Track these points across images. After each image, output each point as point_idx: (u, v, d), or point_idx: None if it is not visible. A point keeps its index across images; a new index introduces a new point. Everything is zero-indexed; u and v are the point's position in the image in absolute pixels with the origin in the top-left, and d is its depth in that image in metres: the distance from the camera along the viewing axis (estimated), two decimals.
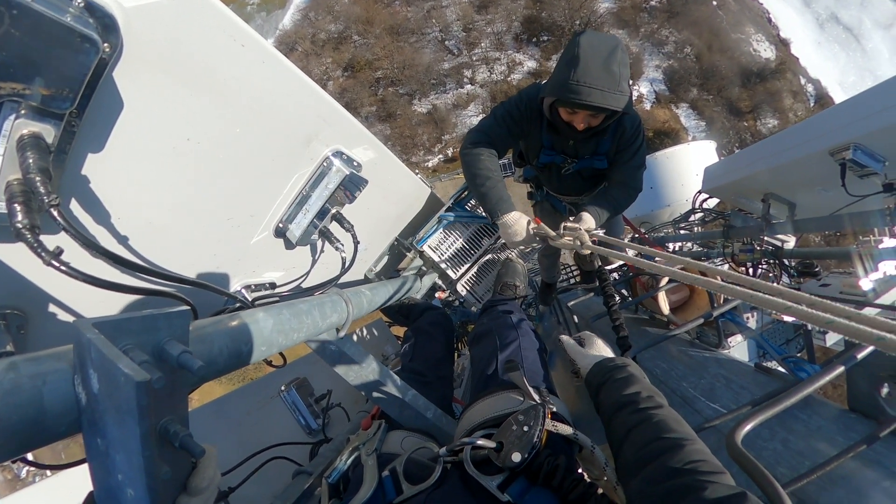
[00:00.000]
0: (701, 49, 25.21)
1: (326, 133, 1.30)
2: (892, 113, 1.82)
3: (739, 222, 3.21)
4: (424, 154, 25.03)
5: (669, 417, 0.84)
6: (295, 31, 30.15)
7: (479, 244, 2.25)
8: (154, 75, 0.82)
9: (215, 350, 0.77)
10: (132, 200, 0.95)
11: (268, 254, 1.46)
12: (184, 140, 0.96)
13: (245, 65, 0.96)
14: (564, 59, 1.60)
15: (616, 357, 1.11)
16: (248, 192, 1.24)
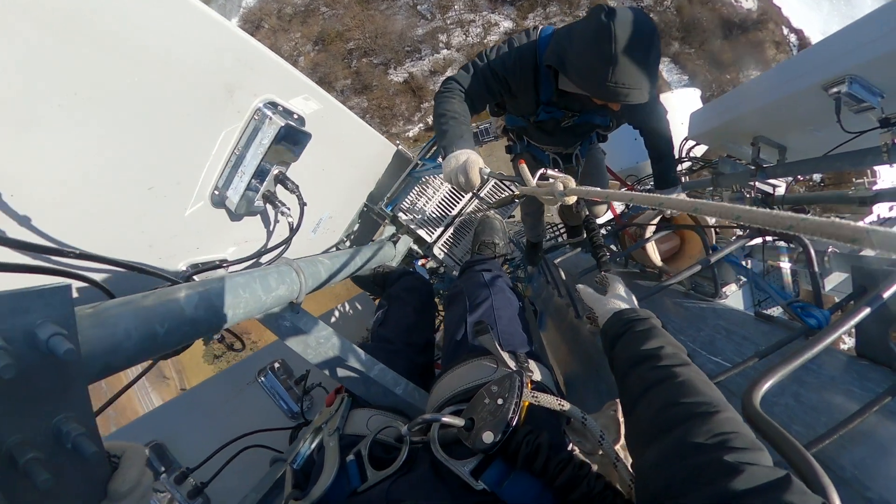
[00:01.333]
0: (681, 2, 24.68)
1: (253, 81, 1.13)
2: (890, 39, 1.69)
3: (728, 169, 3.10)
4: (404, 124, 24.56)
5: (696, 378, 0.72)
6: (260, 8, 28.77)
7: (455, 202, 2.09)
8: (20, 21, 0.70)
9: (120, 333, 0.68)
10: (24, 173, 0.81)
11: (210, 227, 1.30)
12: (71, 95, 0.81)
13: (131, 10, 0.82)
14: (597, 53, 1.43)
15: (638, 308, 0.99)
16: (166, 155, 1.07)
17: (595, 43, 1.44)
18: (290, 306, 1.13)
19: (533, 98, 1.90)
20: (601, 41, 1.41)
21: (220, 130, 1.14)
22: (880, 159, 1.96)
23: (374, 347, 1.35)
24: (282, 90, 1.22)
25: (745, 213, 0.55)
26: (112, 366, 0.67)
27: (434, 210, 2.10)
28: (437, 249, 2.12)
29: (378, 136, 1.87)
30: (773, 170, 2.69)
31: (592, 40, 1.46)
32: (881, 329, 1.12)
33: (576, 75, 1.59)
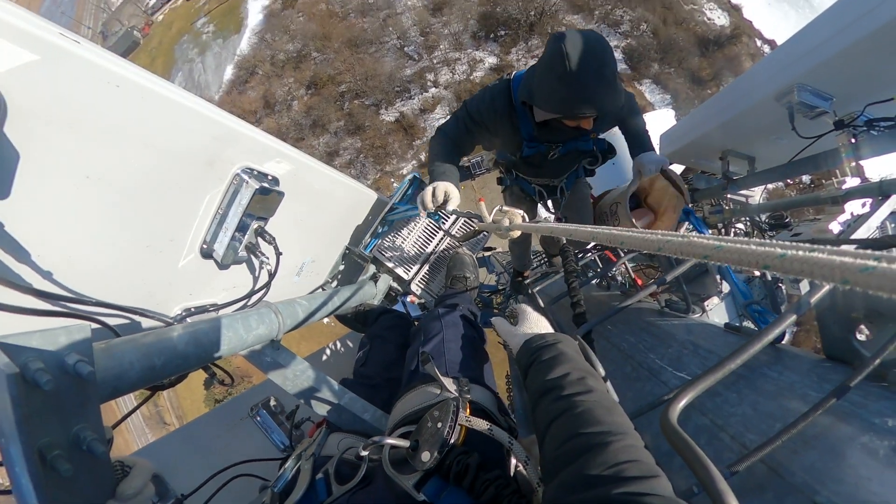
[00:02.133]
0: (656, 24, 25.49)
1: (229, 152, 1.32)
2: (829, 45, 1.78)
3: (703, 184, 3.19)
4: (398, 161, 24.97)
5: (598, 405, 0.73)
6: (253, 55, 29.96)
7: (429, 241, 2.19)
8: (41, 125, 0.91)
9: (125, 364, 0.84)
10: (48, 239, 1.02)
11: (200, 276, 1.45)
12: (83, 178, 1.02)
13: (124, 103, 1.03)
14: (554, 73, 1.54)
15: (547, 333, 1.01)
16: (161, 218, 1.26)
17: (551, 65, 1.55)
18: (271, 343, 1.26)
19: (514, 136, 2.01)
20: (556, 62, 1.52)
21: (205, 195, 1.33)
22: (840, 160, 2.03)
23: (353, 382, 1.44)
24: (256, 157, 1.41)
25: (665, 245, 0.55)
26: (119, 390, 0.84)
27: (411, 249, 2.20)
28: (415, 286, 2.21)
29: (355, 185, 2.03)
30: (743, 181, 2.77)
31: (549, 63, 1.57)
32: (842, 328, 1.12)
33: (542, 100, 1.69)
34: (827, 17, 1.84)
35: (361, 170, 24.77)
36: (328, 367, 3.06)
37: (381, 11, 29.31)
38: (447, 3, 28.12)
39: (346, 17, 30.15)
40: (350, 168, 24.84)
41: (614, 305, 2.36)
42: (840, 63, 1.80)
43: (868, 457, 0.80)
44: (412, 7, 28.92)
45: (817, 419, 0.92)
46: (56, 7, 40.77)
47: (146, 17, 37.87)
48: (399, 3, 29.46)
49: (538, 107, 1.76)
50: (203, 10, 35.94)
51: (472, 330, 1.49)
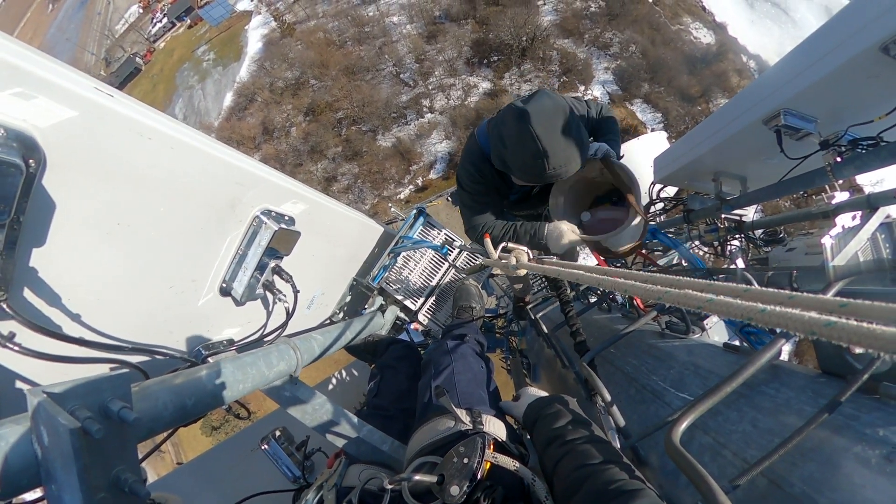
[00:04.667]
0: (645, 45, 26.13)
1: (250, 195, 1.39)
2: (811, 72, 1.87)
3: (697, 205, 3.25)
4: (395, 187, 25.19)
5: (593, 444, 0.88)
6: (252, 83, 30.71)
7: (435, 272, 2.26)
8: (78, 176, 0.97)
9: (160, 406, 0.89)
10: (78, 282, 1.08)
11: (219, 313, 1.51)
12: (115, 225, 1.09)
13: (155, 153, 1.10)
14: (527, 152, 1.61)
15: (547, 396, 1.18)
16: (184, 260, 1.33)
17: (522, 145, 1.62)
18: (290, 378, 1.31)
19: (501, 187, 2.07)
20: (526, 142, 1.59)
21: (226, 237, 1.40)
22: (827, 178, 2.10)
23: (368, 414, 1.48)
24: (274, 198, 1.48)
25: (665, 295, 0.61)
26: (154, 430, 0.88)
27: (417, 280, 2.26)
28: (422, 316, 2.26)
29: (363, 219, 2.10)
30: (736, 201, 2.85)
31: (519, 144, 1.63)
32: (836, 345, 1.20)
33: (519, 173, 1.77)
34: (807, 45, 1.93)
35: (359, 195, 24.99)
36: (335, 396, 3.08)
37: (378, 39, 30.05)
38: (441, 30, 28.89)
39: (343, 45, 30.89)
40: (348, 193, 25.07)
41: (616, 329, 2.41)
42: (821, 89, 1.88)
43: (861, 466, 0.85)
44: (407, 35, 29.66)
45: (813, 433, 0.96)
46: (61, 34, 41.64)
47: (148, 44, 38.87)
48: (395, 31, 30.26)
49: (515, 178, 1.85)
50: (204, 38, 37.00)
51: (480, 361, 1.55)
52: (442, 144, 25.49)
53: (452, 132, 25.10)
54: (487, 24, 27.65)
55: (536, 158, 1.59)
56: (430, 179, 24.92)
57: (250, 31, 34.95)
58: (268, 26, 34.18)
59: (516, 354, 2.59)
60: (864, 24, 1.57)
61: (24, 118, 0.83)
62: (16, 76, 0.80)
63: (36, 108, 0.84)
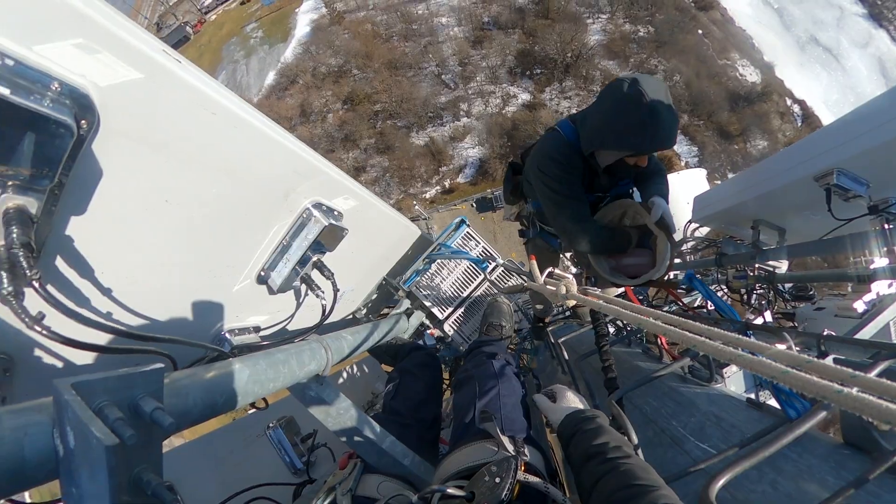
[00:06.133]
0: (689, 76, 25.85)
1: (304, 186, 1.35)
2: (871, 136, 1.85)
3: (731, 250, 3.20)
4: (422, 185, 25.30)
5: (637, 466, 0.86)
6: (296, 65, 31.15)
7: (467, 284, 2.27)
8: (130, 144, 0.89)
9: (189, 402, 0.81)
10: (114, 257, 1.02)
11: (251, 300, 1.50)
12: (162, 202, 1.03)
13: (217, 130, 1.02)
14: (636, 114, 1.69)
15: (586, 409, 1.15)
16: (228, 245, 1.30)
17: (633, 109, 1.68)
18: (316, 378, 1.27)
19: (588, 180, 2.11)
20: (636, 104, 1.66)
21: (273, 225, 1.37)
22: (871, 244, 2.06)
23: (385, 419, 1.48)
24: (327, 192, 1.45)
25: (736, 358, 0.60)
26: (180, 427, 0.81)
27: (448, 290, 2.27)
28: (448, 326, 2.27)
29: (405, 221, 2.10)
30: (774, 252, 2.80)
31: (630, 108, 1.69)
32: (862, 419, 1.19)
33: (620, 142, 1.82)
34: (870, 108, 1.91)
35: (386, 188, 25.16)
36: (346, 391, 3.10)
37: (424, 38, 30.24)
38: (488, 37, 28.95)
39: (390, 39, 31.17)
40: (375, 186, 25.26)
41: (636, 364, 2.39)
42: (879, 154, 1.86)
43: None
44: (454, 37, 29.79)
45: None
46: None
47: (200, 14, 39.74)
48: (442, 32, 30.39)
49: (614, 149, 1.88)
50: (254, 16, 37.54)
51: (521, 386, 1.56)
52: (474, 150, 25.54)
53: (486, 139, 25.12)
54: (534, 36, 27.66)
55: (645, 122, 1.67)
56: (457, 183, 24.97)
57: (300, 15, 35.41)
58: (318, 12, 34.60)
59: (528, 374, 2.58)
60: None
61: (83, 73, 0.74)
62: (80, 25, 0.70)
63: (97, 64, 0.75)
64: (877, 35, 28.47)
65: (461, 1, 31.15)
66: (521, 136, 23.05)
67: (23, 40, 0.67)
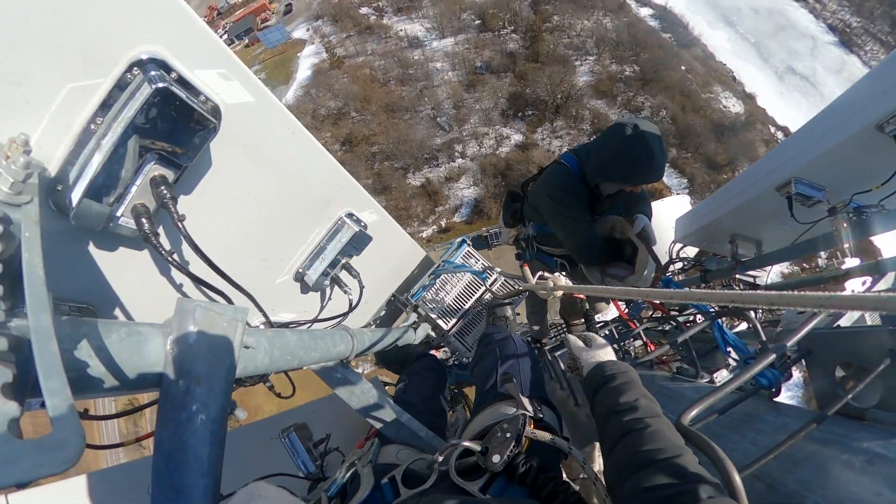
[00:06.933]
0: (675, 111, 26.75)
1: (341, 197, 1.62)
2: (819, 145, 2.08)
3: (714, 265, 3.37)
4: (419, 225, 25.59)
5: (665, 429, 0.89)
6: (297, 106, 32.03)
7: (469, 296, 2.47)
8: (234, 147, 1.17)
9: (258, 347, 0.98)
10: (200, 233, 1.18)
11: (286, 295, 1.71)
12: (245, 194, 1.30)
13: (292, 146, 1.33)
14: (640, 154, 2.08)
15: (618, 362, 1.18)
16: (280, 240, 1.54)
17: (636, 146, 2.07)
18: (342, 363, 1.45)
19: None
20: (642, 145, 2.05)
21: (315, 228, 1.61)
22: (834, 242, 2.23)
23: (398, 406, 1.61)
24: (357, 204, 1.71)
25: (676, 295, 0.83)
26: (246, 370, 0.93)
27: (452, 302, 2.46)
28: (452, 338, 2.45)
29: (412, 241, 2.36)
30: (751, 262, 2.98)
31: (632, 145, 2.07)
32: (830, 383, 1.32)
33: (626, 176, 2.18)
34: (816, 121, 2.14)
35: None
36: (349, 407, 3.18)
37: (420, 82, 31.31)
38: (481, 80, 29.98)
39: (387, 83, 32.25)
40: None
41: None
42: (827, 160, 2.07)
43: (847, 468, 0.99)
44: (448, 81, 30.84)
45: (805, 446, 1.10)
46: None
47: None
48: (437, 76, 31.51)
49: (619, 182, 2.24)
50: (258, 59, 38.83)
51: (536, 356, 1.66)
52: (469, 190, 26.02)
53: (480, 179, 25.64)
54: (525, 78, 28.73)
55: (646, 160, 2.06)
56: (453, 222, 25.30)
57: (302, 59, 36.74)
58: (319, 56, 35.93)
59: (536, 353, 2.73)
60: (863, 104, 1.80)
61: (218, 93, 1.00)
62: (224, 60, 1.00)
63: (229, 88, 1.03)
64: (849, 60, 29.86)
65: (455, 47, 32.52)
66: (514, 175, 23.56)
67: (189, 64, 0.94)
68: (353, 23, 36.35)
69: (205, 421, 0.69)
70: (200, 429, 0.68)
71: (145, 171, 0.93)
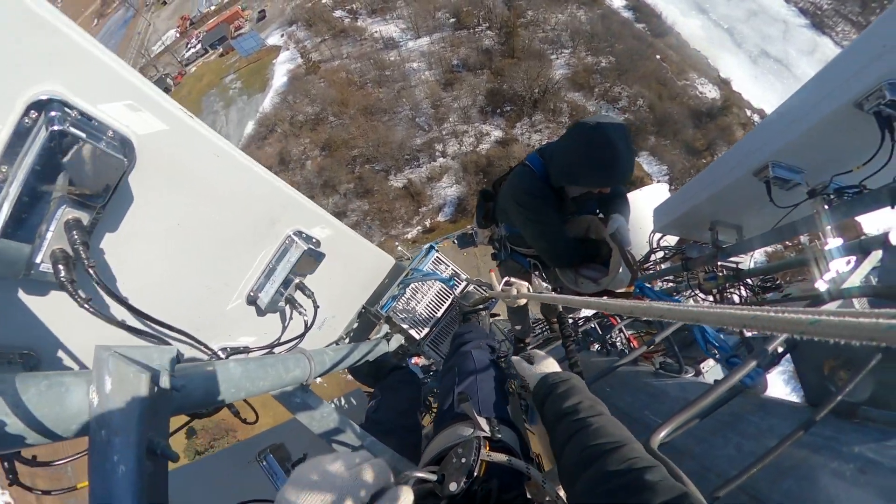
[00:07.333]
0: (652, 100, 27.01)
1: (287, 216, 1.56)
2: (796, 126, 2.03)
3: (695, 253, 3.35)
4: (403, 227, 25.53)
5: (608, 423, 0.91)
6: (274, 114, 31.91)
7: (440, 304, 2.38)
8: (156, 178, 1.12)
9: (191, 386, 0.96)
10: (132, 269, 1.21)
11: (242, 320, 1.64)
12: (175, 224, 1.24)
13: (219, 170, 1.26)
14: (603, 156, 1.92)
15: (560, 372, 1.20)
16: (224, 265, 1.48)
17: (598, 149, 1.91)
18: (301, 387, 1.40)
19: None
20: (606, 148, 1.89)
21: (262, 250, 1.55)
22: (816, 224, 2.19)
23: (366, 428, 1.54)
24: (306, 222, 1.64)
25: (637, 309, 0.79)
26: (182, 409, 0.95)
27: (423, 311, 2.38)
28: (426, 346, 2.36)
29: (378, 251, 2.27)
30: (732, 249, 2.94)
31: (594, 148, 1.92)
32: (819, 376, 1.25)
33: (590, 180, 2.04)
34: (791, 102, 2.08)
35: (367, 232, 25.29)
36: None
37: (397, 83, 31.25)
38: (458, 79, 30.04)
39: (364, 86, 32.12)
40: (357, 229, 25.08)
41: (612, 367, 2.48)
42: (805, 142, 2.02)
43: (837, 479, 0.93)
44: (425, 81, 30.83)
45: (793, 452, 1.04)
46: None
47: (180, 66, 40.67)
48: (413, 76, 31.48)
49: (582, 186, 2.12)
50: (233, 67, 38.53)
51: (499, 371, 1.62)
52: (452, 189, 26.03)
53: (463, 177, 25.67)
54: (502, 75, 28.80)
55: (611, 160, 1.90)
56: (437, 222, 25.28)
57: (277, 65, 36.46)
58: (294, 62, 35.64)
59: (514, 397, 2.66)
60: (841, 81, 1.73)
61: (128, 125, 0.98)
62: (130, 91, 0.96)
63: (139, 119, 1.00)
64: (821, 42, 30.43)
65: (431, 46, 32.50)
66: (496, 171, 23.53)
67: (91, 100, 0.92)
68: (328, 26, 36.08)
69: (125, 472, 0.69)
70: (122, 480, 0.69)
71: (58, 215, 0.91)
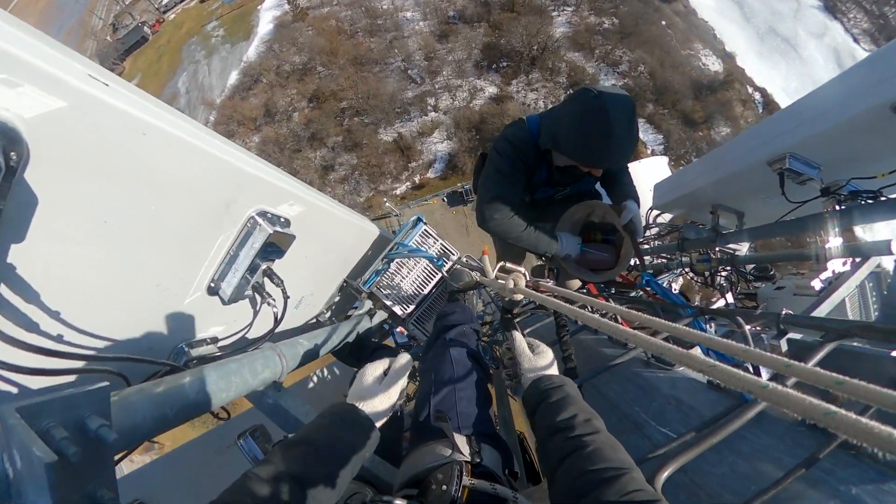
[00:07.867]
0: (654, 66, 26.39)
1: (246, 197, 1.33)
2: (822, 121, 1.90)
3: (693, 234, 3.29)
4: (392, 182, 25.10)
5: (605, 445, 0.84)
6: (259, 63, 30.36)
7: (428, 282, 2.25)
8: (64, 170, 0.89)
9: (139, 418, 0.86)
10: (59, 281, 1.00)
11: (205, 311, 1.46)
12: (101, 223, 1.02)
13: (150, 150, 1.01)
14: (595, 130, 1.68)
15: (554, 375, 1.10)
16: (173, 259, 1.27)
17: (590, 121, 1.68)
18: (274, 385, 1.27)
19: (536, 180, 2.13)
20: (597, 120, 1.65)
21: (219, 235, 1.33)
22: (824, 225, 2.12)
23: None
24: (271, 200, 1.42)
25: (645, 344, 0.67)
26: (131, 443, 0.86)
27: (409, 288, 2.24)
28: (411, 325, 2.25)
29: (361, 222, 2.07)
30: (732, 236, 2.87)
31: (587, 118, 1.69)
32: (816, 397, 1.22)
33: (573, 151, 1.82)
34: (821, 93, 1.96)
35: (355, 186, 24.89)
36: (315, 395, 3.05)
37: (389, 33, 29.98)
38: (453, 31, 28.89)
39: (354, 35, 30.76)
40: (344, 184, 24.94)
41: (602, 351, 2.42)
42: (830, 138, 1.90)
43: None
44: (419, 32, 29.63)
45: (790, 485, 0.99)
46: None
47: (158, 14, 38.06)
48: (407, 26, 30.20)
49: (566, 156, 1.90)
50: (215, 14, 36.39)
51: (480, 371, 1.50)
52: (443, 144, 25.49)
53: (454, 133, 25.10)
54: (500, 29, 27.73)
55: (602, 136, 1.67)
56: (427, 178, 24.89)
57: (262, 12, 34.59)
58: (281, 8, 33.80)
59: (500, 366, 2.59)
60: (879, 81, 1.59)
61: (8, 108, 0.75)
62: (2, 61, 0.72)
63: (21, 97, 0.76)
64: (832, 26, 29.80)
65: None
66: (489, 129, 23.10)
67: None
68: None
69: None
70: None
71: None
